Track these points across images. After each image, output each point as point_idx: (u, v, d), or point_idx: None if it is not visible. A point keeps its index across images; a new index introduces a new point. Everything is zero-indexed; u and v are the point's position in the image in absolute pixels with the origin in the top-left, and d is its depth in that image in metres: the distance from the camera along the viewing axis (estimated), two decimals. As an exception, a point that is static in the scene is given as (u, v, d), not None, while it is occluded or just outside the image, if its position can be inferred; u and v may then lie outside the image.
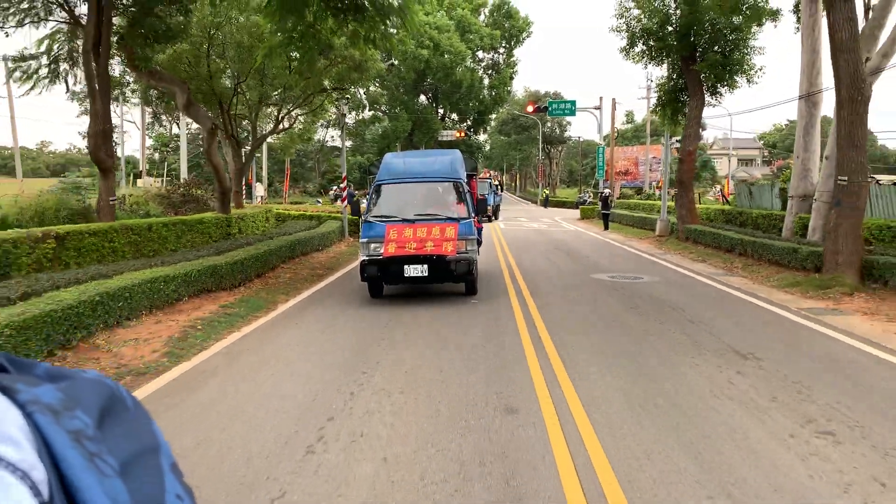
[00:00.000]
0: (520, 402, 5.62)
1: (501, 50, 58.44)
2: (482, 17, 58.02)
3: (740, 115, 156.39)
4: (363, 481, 4.13)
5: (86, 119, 78.14)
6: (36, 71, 13.95)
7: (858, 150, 11.29)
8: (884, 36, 14.72)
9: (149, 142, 59.17)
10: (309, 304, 10.69)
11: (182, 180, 28.41)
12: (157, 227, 13.21)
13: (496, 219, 30.90)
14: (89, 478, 0.47)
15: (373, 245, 10.37)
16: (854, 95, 11.16)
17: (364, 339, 8.06)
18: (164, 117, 49.76)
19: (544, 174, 67.55)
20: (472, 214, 10.95)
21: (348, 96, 23.21)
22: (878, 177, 17.30)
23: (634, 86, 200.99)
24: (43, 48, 14.45)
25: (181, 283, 9.78)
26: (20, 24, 12.98)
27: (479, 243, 12.38)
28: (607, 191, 29.00)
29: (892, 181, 20.13)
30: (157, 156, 56.50)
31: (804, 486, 4.04)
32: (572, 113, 37.77)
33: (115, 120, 64.73)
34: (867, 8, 15.62)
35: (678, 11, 20.35)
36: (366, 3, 14.92)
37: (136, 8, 12.58)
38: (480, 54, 57.55)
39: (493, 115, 62.78)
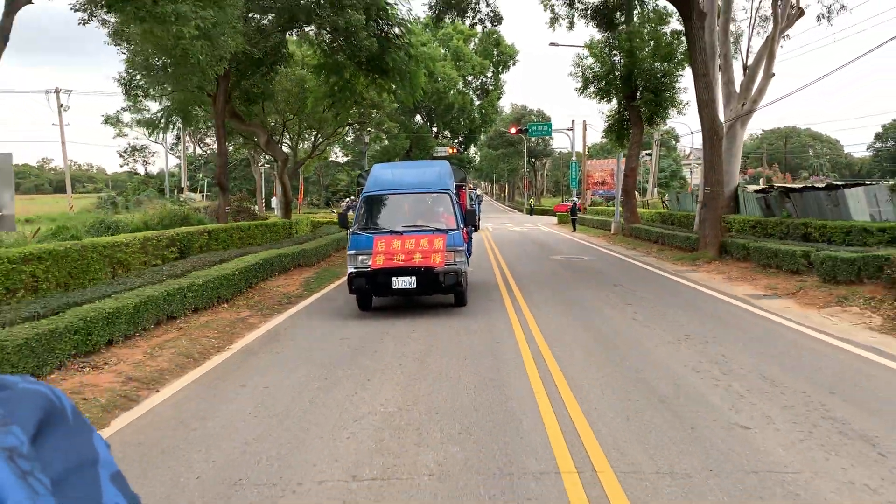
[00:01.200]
0: (494, 296, 11.80)
1: (489, 74, 64.84)
2: (472, 45, 64.40)
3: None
4: (418, 341, 10.18)
5: (120, 140, 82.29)
6: (158, 121, 20.04)
7: (716, 172, 17.48)
8: (754, 88, 20.97)
9: (175, 160, 65.07)
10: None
11: (237, 195, 34.32)
12: (252, 227, 19.27)
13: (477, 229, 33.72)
14: (20, 497, 0.47)
15: (360, 257, 10.33)
16: (712, 136, 17.38)
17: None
18: (188, 139, 55.79)
19: (529, 185, 73.80)
20: (461, 226, 10.94)
21: (370, 129, 29.34)
22: (749, 187, 23.43)
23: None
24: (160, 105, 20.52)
25: (290, 259, 15.88)
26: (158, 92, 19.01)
27: (469, 254, 12.30)
28: (576, 199, 35.28)
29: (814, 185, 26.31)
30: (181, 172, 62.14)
31: (608, 315, 10.17)
32: (549, 134, 44.24)
33: (145, 143, 68.54)
34: (745, 67, 21.92)
35: (621, 61, 26.61)
36: (389, 66, 21.11)
37: (236, 77, 18.66)
38: (471, 78, 63.95)
39: (483, 133, 68.86)
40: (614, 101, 28.19)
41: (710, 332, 8.78)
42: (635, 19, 24.79)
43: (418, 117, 63.64)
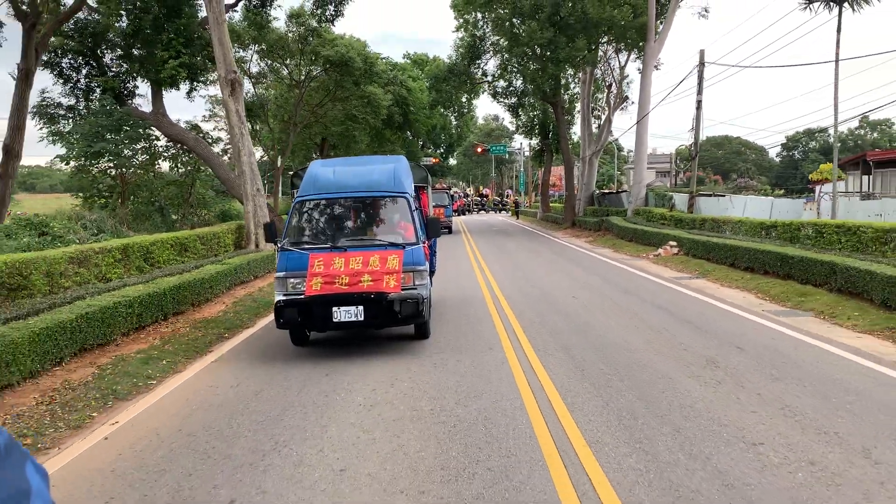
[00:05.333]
0: (458, 244, 29.87)
1: (464, 100, 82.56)
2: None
3: (663, 137, 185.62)
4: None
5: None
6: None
7: (570, 185, 35.50)
8: (602, 138, 39.08)
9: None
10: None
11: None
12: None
13: (450, 231, 33.57)
14: None
15: (291, 281, 8.00)
16: (569, 167, 35.39)
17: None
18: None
19: (497, 186, 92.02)
20: (422, 238, 8.75)
21: (388, 153, 47.25)
22: (598, 190, 41.69)
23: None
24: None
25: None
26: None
27: (432, 273, 10.29)
28: (519, 198, 53.42)
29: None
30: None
31: (503, 244, 28.29)
32: (504, 152, 62.26)
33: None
34: (598, 126, 40.05)
35: (539, 115, 44.61)
36: (405, 124, 39.09)
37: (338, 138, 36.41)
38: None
39: (459, 146, 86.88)
40: (537, 139, 46.25)
41: (540, 248, 26.76)
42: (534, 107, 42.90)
43: (408, 133, 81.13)
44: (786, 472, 4.47)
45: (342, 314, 7.80)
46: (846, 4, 17.09)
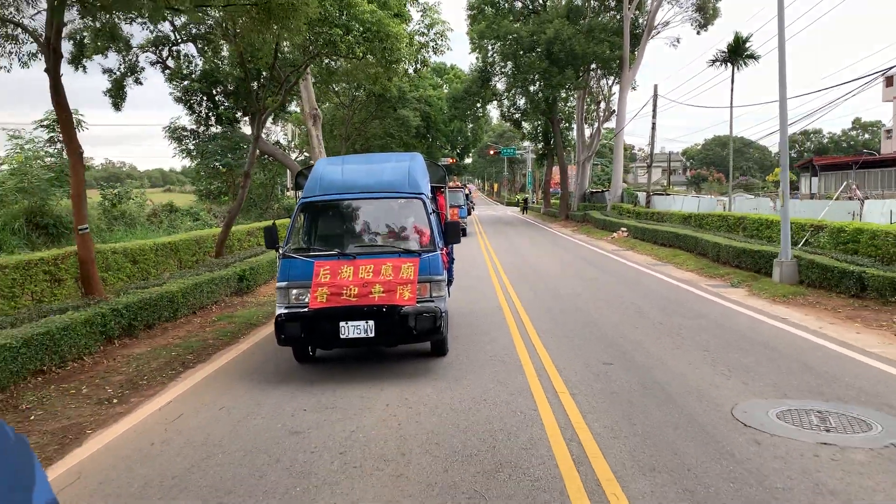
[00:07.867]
0: (471, 230, 37.75)
1: (478, 105, 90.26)
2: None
3: (672, 139, 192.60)
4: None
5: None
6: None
7: (565, 185, 43.15)
8: (593, 146, 46.63)
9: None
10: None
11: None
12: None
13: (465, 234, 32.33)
14: None
15: (294, 291, 7.41)
16: (564, 172, 43.01)
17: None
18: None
19: (509, 184, 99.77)
20: (440, 245, 7.98)
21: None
22: (590, 189, 49.28)
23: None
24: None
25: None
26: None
27: (450, 283, 9.68)
28: (526, 195, 61.14)
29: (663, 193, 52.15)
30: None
31: (507, 232, 36.15)
32: (514, 154, 70.04)
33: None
34: (590, 136, 47.64)
35: (541, 125, 52.21)
36: (428, 132, 46.97)
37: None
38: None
39: (473, 147, 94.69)
40: (541, 144, 53.89)
41: (534, 234, 34.49)
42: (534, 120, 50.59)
43: (429, 138, 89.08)
44: (579, 300, 12.30)
45: (350, 330, 7.17)
46: (738, 65, 24.62)
